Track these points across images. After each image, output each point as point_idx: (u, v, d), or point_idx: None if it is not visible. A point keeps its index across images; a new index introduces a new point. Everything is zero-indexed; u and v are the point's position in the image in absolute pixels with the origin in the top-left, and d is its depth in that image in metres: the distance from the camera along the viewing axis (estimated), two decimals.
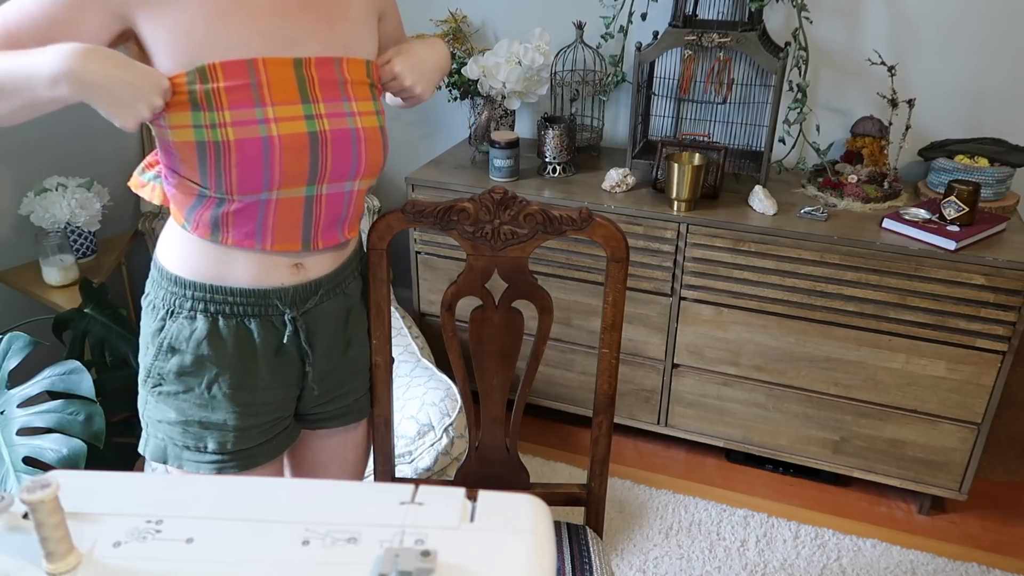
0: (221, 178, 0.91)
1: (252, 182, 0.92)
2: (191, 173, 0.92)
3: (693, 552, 1.87)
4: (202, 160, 0.90)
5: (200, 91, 0.88)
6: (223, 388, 1.02)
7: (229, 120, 0.88)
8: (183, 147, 0.90)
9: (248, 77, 0.89)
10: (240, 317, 1.00)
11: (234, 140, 0.89)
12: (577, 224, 1.11)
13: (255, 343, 1.02)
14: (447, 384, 1.89)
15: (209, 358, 1.00)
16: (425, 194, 2.12)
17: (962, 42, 1.96)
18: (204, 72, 0.88)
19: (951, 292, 1.73)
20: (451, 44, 2.27)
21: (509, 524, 0.56)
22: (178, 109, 0.88)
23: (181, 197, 0.97)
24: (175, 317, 1.00)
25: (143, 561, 0.53)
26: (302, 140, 0.92)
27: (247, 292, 1.00)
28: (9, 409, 1.51)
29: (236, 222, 0.96)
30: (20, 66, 0.83)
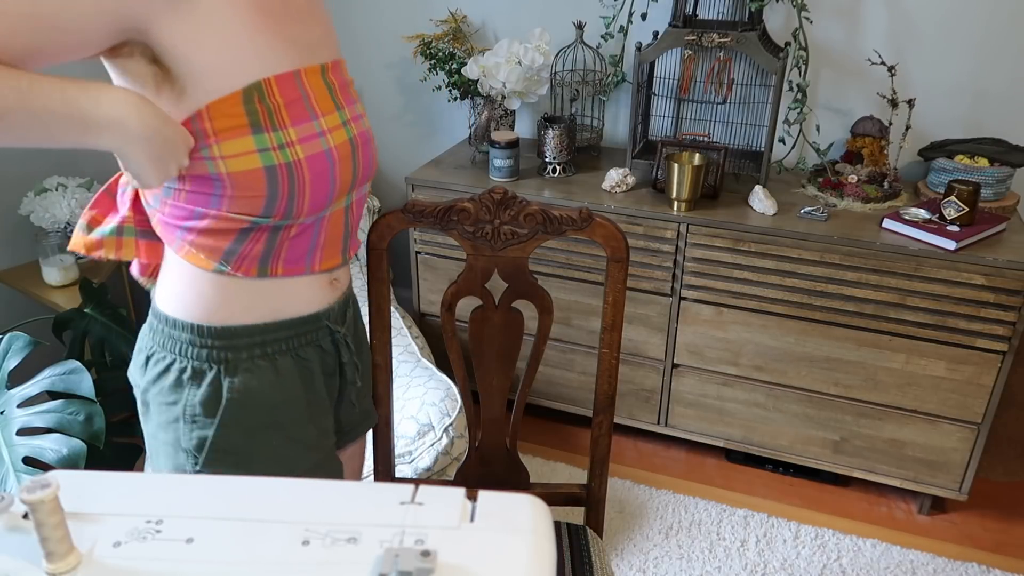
0: (294, 201, 0.83)
1: (321, 199, 0.86)
2: (247, 205, 0.82)
3: (693, 552, 1.87)
4: (272, 186, 0.81)
5: (262, 111, 0.79)
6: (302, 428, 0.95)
7: (296, 138, 0.81)
8: (245, 176, 0.80)
9: (299, 90, 0.82)
10: (296, 350, 0.93)
11: (304, 158, 0.82)
12: (577, 224, 1.11)
13: (313, 372, 0.96)
14: (447, 384, 1.89)
15: (285, 403, 0.92)
16: (425, 194, 2.12)
17: (962, 42, 1.96)
18: (261, 89, 0.79)
19: (951, 292, 1.73)
20: (451, 44, 2.27)
21: (509, 524, 0.56)
22: (235, 135, 0.78)
23: (212, 238, 0.85)
24: (233, 374, 0.89)
25: (143, 561, 0.53)
26: (347, 148, 0.88)
27: (302, 321, 0.92)
28: (9, 409, 1.51)
29: (290, 248, 0.89)
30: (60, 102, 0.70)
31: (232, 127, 0.78)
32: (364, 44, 2.54)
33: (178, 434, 0.90)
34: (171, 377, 0.89)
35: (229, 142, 0.79)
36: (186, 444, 0.90)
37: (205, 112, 0.77)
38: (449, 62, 2.20)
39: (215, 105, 0.77)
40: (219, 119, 0.78)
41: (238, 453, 0.90)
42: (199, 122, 0.78)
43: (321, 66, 0.87)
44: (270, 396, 0.91)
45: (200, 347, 0.88)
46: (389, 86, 2.58)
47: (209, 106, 0.77)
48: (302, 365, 0.94)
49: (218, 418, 0.88)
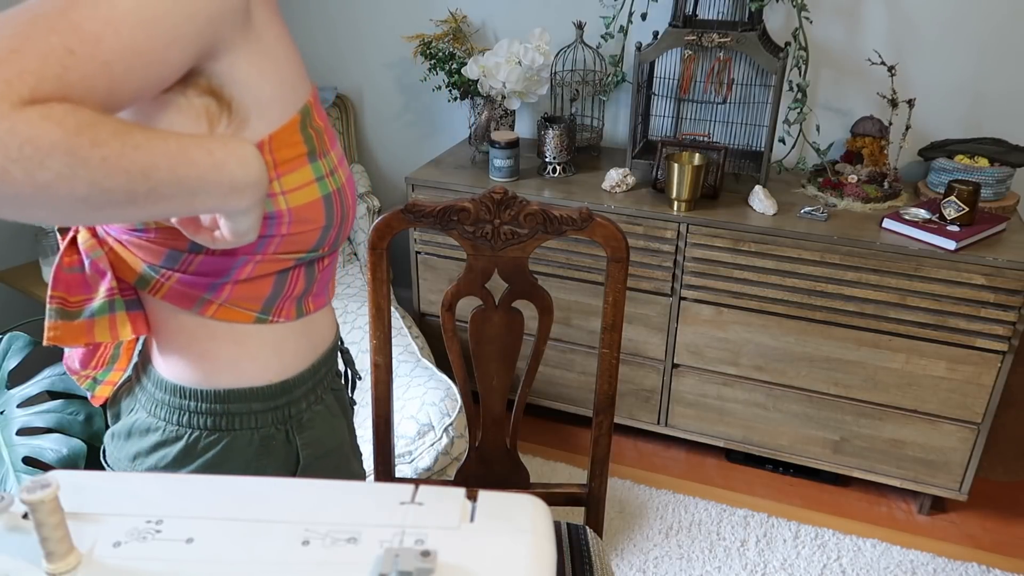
0: (343, 227, 0.77)
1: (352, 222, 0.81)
2: (299, 241, 0.74)
3: (693, 552, 1.87)
4: (330, 215, 0.74)
5: (314, 136, 0.72)
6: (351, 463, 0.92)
7: (336, 162, 0.75)
8: (306, 209, 0.72)
9: (323, 110, 0.76)
10: (332, 383, 0.89)
11: (345, 181, 0.76)
12: (577, 224, 1.11)
13: (344, 399, 0.93)
14: (447, 384, 1.89)
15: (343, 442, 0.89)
16: (425, 194, 2.12)
17: (962, 42, 1.96)
18: (309, 113, 0.71)
19: (951, 292, 1.73)
20: (451, 44, 2.27)
21: (509, 524, 0.56)
22: (297, 166, 0.70)
23: (250, 290, 0.75)
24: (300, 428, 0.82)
25: (143, 561, 0.53)
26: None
27: (331, 351, 0.87)
28: (9, 409, 1.51)
29: (319, 281, 0.82)
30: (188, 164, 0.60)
31: (293, 157, 0.70)
32: (364, 44, 2.54)
33: None
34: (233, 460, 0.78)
35: (292, 174, 0.70)
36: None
37: (268, 144, 0.68)
38: (449, 62, 2.20)
39: (278, 135, 0.68)
40: (281, 150, 0.69)
41: None
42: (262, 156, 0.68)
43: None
44: (333, 439, 0.86)
45: (263, 412, 0.78)
46: (389, 86, 2.58)
47: (272, 136, 0.68)
48: (339, 396, 0.90)
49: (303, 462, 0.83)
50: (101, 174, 0.54)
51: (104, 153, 0.54)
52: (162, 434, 0.78)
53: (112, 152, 0.55)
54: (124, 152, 0.55)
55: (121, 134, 0.56)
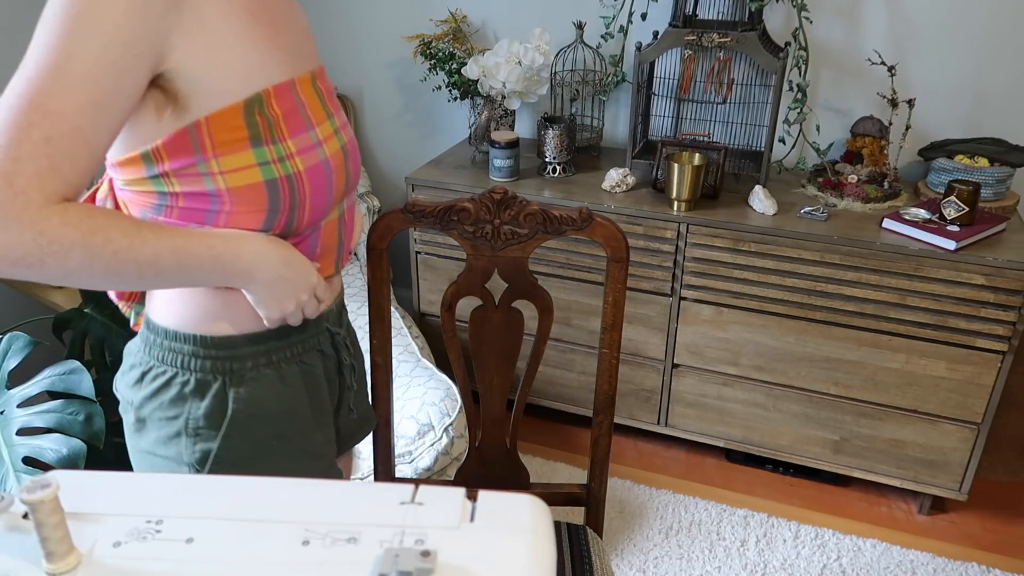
0: (294, 213, 0.83)
1: (320, 210, 0.86)
2: (245, 220, 0.81)
3: (693, 552, 1.87)
4: (274, 199, 0.80)
5: (262, 123, 0.78)
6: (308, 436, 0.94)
7: (295, 149, 0.80)
8: (246, 191, 0.79)
9: (294, 99, 0.81)
10: (299, 356, 0.92)
11: (304, 170, 0.81)
12: (577, 224, 1.11)
13: (318, 379, 0.95)
14: (447, 384, 1.89)
15: (291, 412, 0.91)
16: (425, 194, 2.12)
17: (962, 42, 1.96)
18: (261, 101, 0.77)
19: (951, 292, 1.73)
20: (451, 44, 2.27)
21: (509, 524, 0.56)
22: (235, 148, 0.77)
23: None
24: (238, 384, 0.87)
25: (143, 561, 0.53)
26: (340, 157, 0.87)
27: (305, 326, 0.92)
28: (9, 409, 1.51)
29: None
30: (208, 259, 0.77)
31: (231, 140, 0.77)
32: (364, 44, 2.54)
33: (180, 449, 0.88)
34: (172, 391, 0.87)
35: (228, 156, 0.77)
36: (188, 458, 0.88)
37: (204, 125, 0.75)
38: (449, 62, 2.20)
39: (215, 118, 0.75)
40: (219, 132, 0.76)
41: (243, 465, 0.89)
42: (197, 136, 0.76)
43: (311, 74, 0.85)
44: (276, 406, 0.90)
45: (203, 358, 0.86)
46: (389, 86, 2.58)
47: (209, 119, 0.75)
48: (307, 371, 0.93)
49: (223, 430, 0.87)
50: (115, 264, 0.71)
51: (115, 248, 0.71)
52: (134, 358, 0.92)
53: (122, 247, 0.71)
54: (133, 247, 0.72)
55: (130, 233, 0.72)
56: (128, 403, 0.92)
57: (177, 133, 0.76)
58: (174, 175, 0.78)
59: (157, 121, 0.76)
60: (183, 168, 0.77)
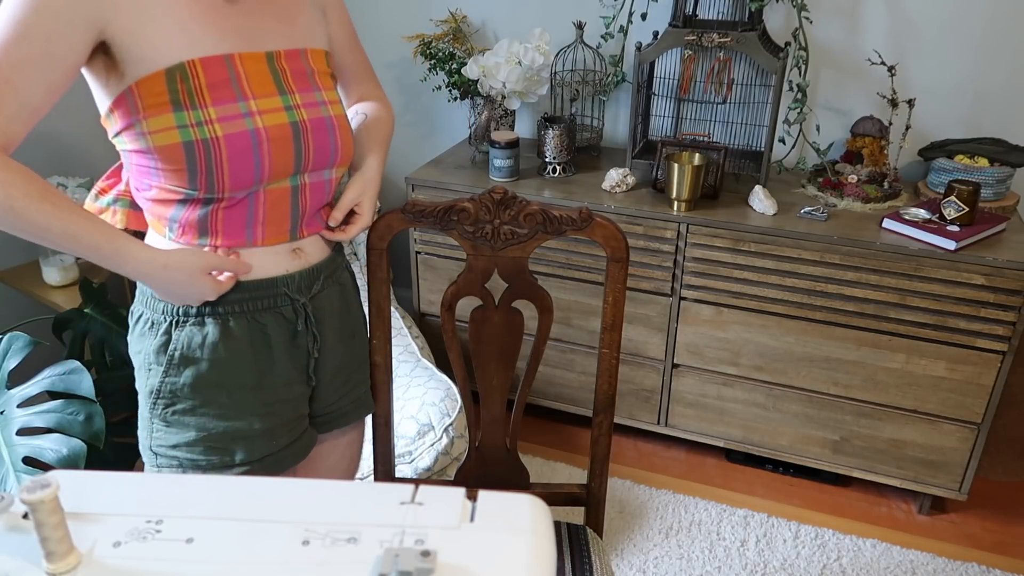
0: (212, 176, 0.90)
1: (244, 176, 0.92)
2: (175, 178, 0.91)
3: (693, 552, 1.87)
4: (191, 160, 0.89)
5: (182, 90, 0.87)
6: (246, 390, 1.00)
7: (215, 116, 0.88)
8: (167, 150, 0.88)
9: (227, 72, 0.89)
10: (251, 313, 0.99)
11: (223, 136, 0.88)
12: (577, 224, 1.11)
13: (269, 338, 1.00)
14: (447, 384, 1.89)
15: (228, 361, 0.98)
16: (425, 194, 2.12)
17: (962, 42, 1.96)
18: (184, 70, 0.87)
19: (951, 292, 1.73)
20: (451, 44, 2.27)
21: (509, 524, 0.56)
22: (158, 112, 0.87)
23: (160, 207, 0.95)
24: (181, 327, 0.97)
25: (143, 561, 0.53)
26: (285, 131, 0.93)
27: (253, 285, 0.98)
28: (9, 409, 1.51)
29: (226, 221, 0.95)
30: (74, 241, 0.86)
31: (156, 104, 0.87)
32: (364, 44, 2.53)
33: (143, 380, 1.00)
34: (139, 328, 1.00)
35: (154, 118, 0.87)
36: (143, 388, 1.00)
37: (135, 89, 0.86)
38: (449, 62, 2.20)
39: (142, 83, 0.86)
40: (146, 96, 0.86)
41: (181, 401, 0.99)
42: (132, 99, 0.87)
43: (267, 53, 0.94)
44: (212, 352, 0.97)
45: (159, 300, 0.97)
46: (389, 86, 2.58)
47: (138, 83, 0.86)
48: (256, 329, 0.99)
49: (164, 365, 0.97)
50: (9, 218, 0.83)
51: (12, 205, 0.82)
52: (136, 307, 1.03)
53: (19, 207, 0.82)
54: (28, 210, 0.82)
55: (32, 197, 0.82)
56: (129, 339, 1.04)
57: (119, 96, 0.88)
58: (124, 134, 0.90)
59: (106, 85, 0.88)
60: (127, 128, 0.89)
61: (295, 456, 1.07)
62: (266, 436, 1.03)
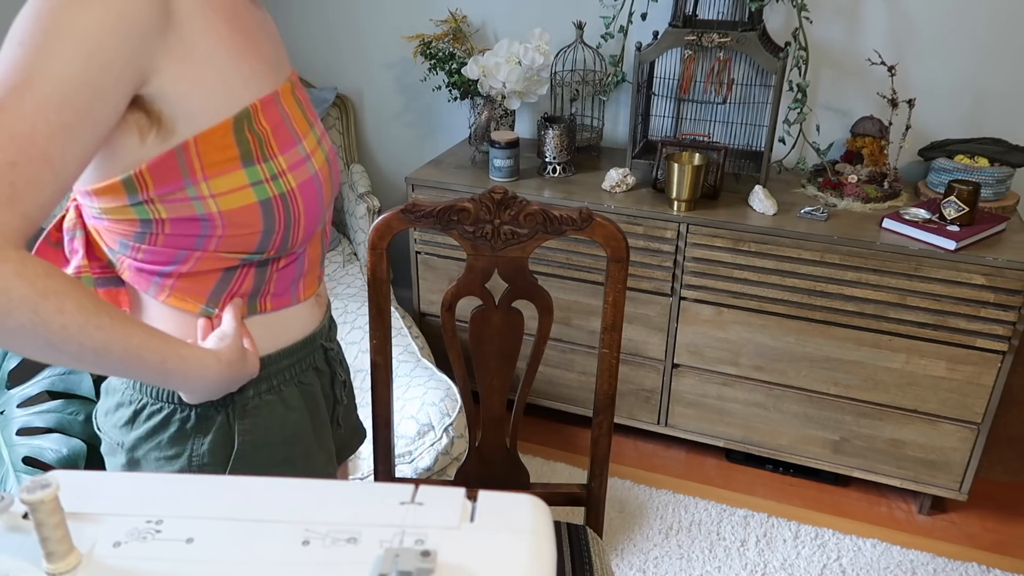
0: (290, 231, 0.78)
1: (312, 226, 0.81)
2: (237, 243, 0.76)
3: (693, 552, 1.87)
4: (269, 219, 0.75)
5: (252, 140, 0.73)
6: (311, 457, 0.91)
7: (286, 166, 0.76)
8: (238, 213, 0.74)
9: (280, 113, 0.76)
10: (298, 377, 0.89)
11: (297, 186, 0.77)
12: (577, 224, 1.11)
13: (316, 396, 0.92)
14: (447, 384, 1.89)
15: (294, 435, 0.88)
16: (425, 194, 2.12)
17: (962, 42, 1.96)
18: (250, 116, 0.72)
19: (951, 292, 1.73)
20: (451, 44, 2.27)
21: (509, 524, 0.56)
22: (225, 170, 0.72)
23: (196, 283, 0.79)
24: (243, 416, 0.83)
25: (143, 561, 0.53)
26: (326, 169, 0.83)
27: (300, 345, 0.88)
28: (9, 409, 1.52)
29: (278, 282, 0.84)
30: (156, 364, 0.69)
31: (222, 161, 0.72)
32: (364, 44, 2.54)
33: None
34: (171, 429, 0.82)
35: (219, 178, 0.72)
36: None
37: (193, 146, 0.70)
38: (449, 62, 2.20)
39: (204, 138, 0.70)
40: (208, 153, 0.71)
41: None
42: (186, 160, 0.70)
43: (289, 83, 0.81)
44: (281, 432, 0.86)
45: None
46: (389, 86, 2.58)
47: (197, 139, 0.70)
48: (306, 391, 0.90)
49: (231, 464, 0.83)
50: (58, 339, 0.61)
51: (65, 322, 0.61)
52: (120, 396, 0.84)
53: (72, 324, 0.61)
54: (85, 329, 0.62)
55: (87, 311, 0.62)
56: (117, 444, 0.84)
57: (162, 156, 0.70)
58: (160, 201, 0.72)
59: (140, 145, 0.70)
60: (170, 193, 0.72)
61: None
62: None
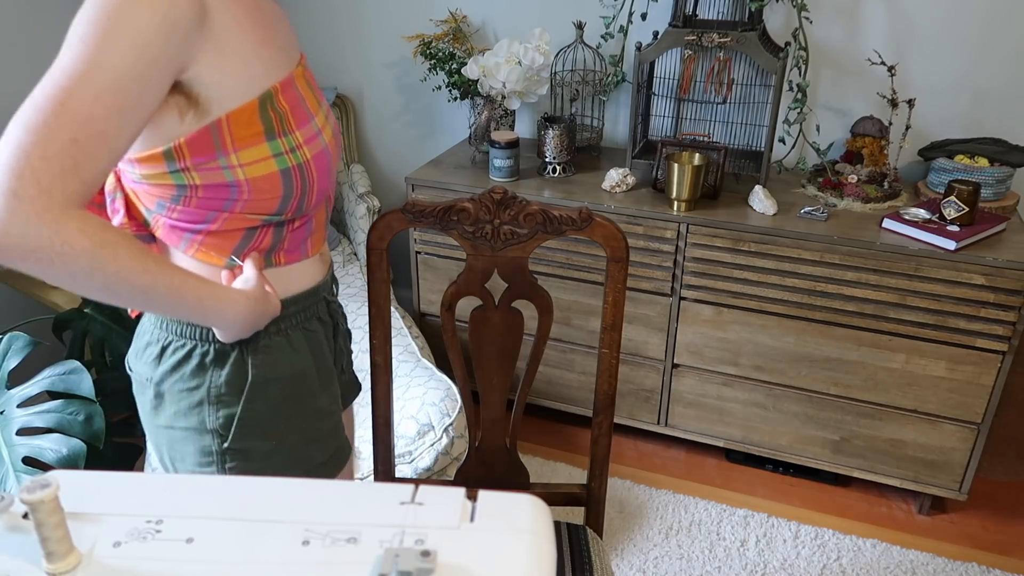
0: (305, 197, 0.90)
1: (324, 193, 0.94)
2: (261, 206, 0.88)
3: (693, 552, 1.87)
4: (288, 186, 0.88)
5: (274, 118, 0.85)
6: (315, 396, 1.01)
7: (302, 140, 0.88)
8: (263, 180, 0.86)
9: (296, 93, 0.88)
10: (303, 324, 0.99)
11: (311, 157, 0.89)
12: (577, 224, 1.11)
13: (320, 343, 1.02)
14: (447, 384, 1.89)
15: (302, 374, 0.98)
16: (425, 194, 2.12)
17: (962, 42, 1.96)
18: (272, 97, 0.85)
19: (951, 292, 1.73)
20: (451, 44, 2.27)
21: (509, 524, 0.56)
22: (252, 143, 0.84)
23: (222, 240, 0.91)
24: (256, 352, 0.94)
25: (143, 561, 0.53)
26: (334, 142, 0.95)
27: (306, 295, 0.99)
28: (9, 409, 1.51)
29: (291, 239, 0.95)
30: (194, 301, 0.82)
31: (249, 135, 0.83)
32: (364, 44, 2.54)
33: (203, 416, 0.94)
34: (192, 363, 0.93)
35: (246, 150, 0.84)
36: (212, 424, 0.94)
37: (225, 123, 0.82)
38: (449, 62, 2.20)
39: (234, 116, 0.82)
40: (237, 129, 0.83)
41: (264, 425, 0.96)
42: (219, 134, 0.82)
43: (300, 67, 0.92)
44: (288, 369, 0.96)
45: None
46: (389, 86, 2.58)
47: (229, 117, 0.82)
48: (311, 337, 1.00)
49: (244, 395, 0.93)
50: (113, 281, 0.75)
51: (118, 267, 0.74)
52: (149, 336, 0.96)
53: (124, 268, 0.75)
54: (134, 271, 0.76)
55: (135, 258, 0.76)
56: (146, 380, 0.96)
57: (199, 132, 0.81)
58: (195, 169, 0.84)
59: (179, 122, 0.81)
60: (204, 163, 0.83)
61: (349, 443, 1.11)
62: (333, 432, 1.05)
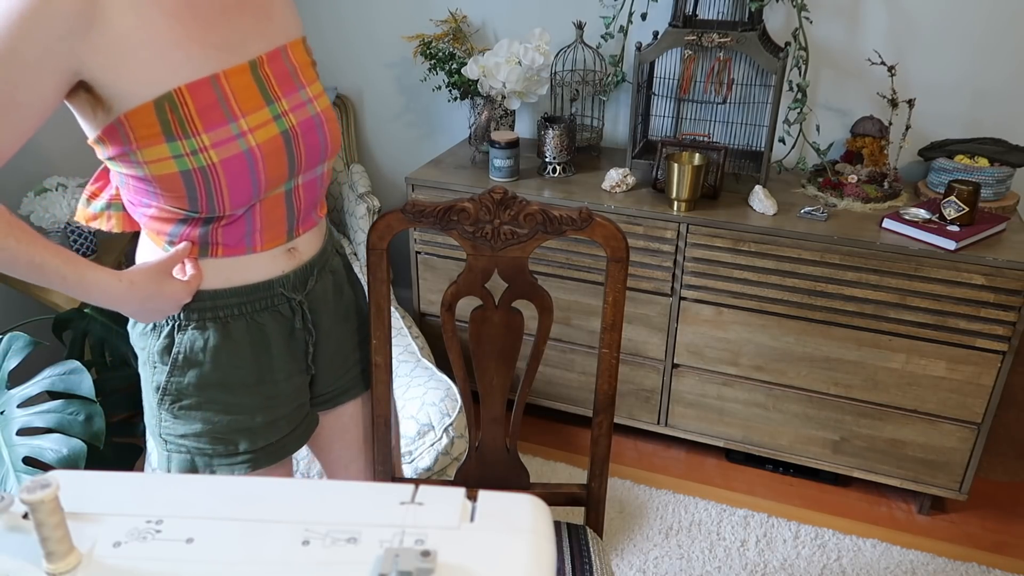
0: (213, 200, 0.90)
1: (243, 196, 0.92)
2: (175, 201, 0.91)
3: (693, 552, 1.87)
4: (190, 188, 0.89)
5: (173, 120, 0.85)
6: (248, 387, 1.03)
7: (209, 143, 0.87)
8: (165, 179, 0.88)
9: (215, 94, 0.87)
10: (249, 315, 1.01)
11: (219, 161, 0.88)
12: (577, 224, 1.11)
13: (268, 337, 1.03)
14: (447, 384, 1.89)
15: (229, 363, 1.01)
16: (425, 194, 2.12)
17: (962, 42, 1.96)
18: (172, 99, 0.85)
19: (951, 292, 1.73)
20: (451, 44, 2.27)
21: (509, 524, 0.56)
22: (152, 142, 0.86)
23: (158, 223, 0.96)
24: (183, 330, 0.99)
25: (143, 561, 0.53)
26: (277, 142, 0.93)
27: (251, 288, 1.00)
28: (9, 409, 1.51)
29: (226, 235, 0.96)
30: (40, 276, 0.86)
31: (148, 135, 0.86)
32: (364, 44, 2.54)
33: (148, 374, 1.03)
34: (140, 327, 1.02)
35: (148, 149, 0.86)
36: (148, 381, 1.03)
37: (124, 121, 0.85)
38: (449, 62, 2.20)
39: (131, 115, 0.84)
40: (137, 128, 0.85)
41: (189, 399, 1.01)
42: (123, 130, 0.86)
43: (250, 63, 0.91)
44: (214, 355, 1.00)
45: None
46: (389, 86, 2.58)
47: (127, 115, 0.84)
48: (255, 329, 1.02)
49: (168, 365, 1.00)
50: None
51: None
52: None
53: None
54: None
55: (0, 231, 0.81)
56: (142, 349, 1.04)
57: (108, 128, 0.86)
58: (117, 160, 0.90)
59: (94, 117, 0.87)
60: (120, 156, 0.89)
61: (297, 442, 1.12)
62: (268, 428, 1.06)
